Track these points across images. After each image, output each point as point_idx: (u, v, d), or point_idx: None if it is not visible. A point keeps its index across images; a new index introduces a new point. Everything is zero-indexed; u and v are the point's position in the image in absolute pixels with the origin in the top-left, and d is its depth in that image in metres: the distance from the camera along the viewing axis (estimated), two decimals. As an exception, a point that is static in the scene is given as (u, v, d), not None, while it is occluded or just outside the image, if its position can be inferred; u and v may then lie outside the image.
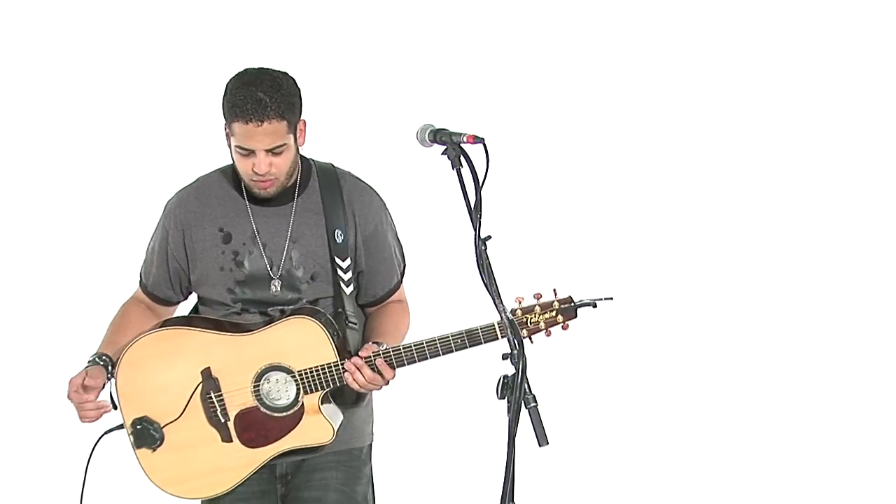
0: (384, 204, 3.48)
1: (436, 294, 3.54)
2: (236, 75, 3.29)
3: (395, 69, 5.26)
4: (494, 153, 2.92)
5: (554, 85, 5.36)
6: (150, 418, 3.33)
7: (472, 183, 2.91)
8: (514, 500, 2.84)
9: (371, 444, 3.56)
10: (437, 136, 3.00)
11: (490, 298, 2.86)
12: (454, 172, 2.94)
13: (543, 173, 5.33)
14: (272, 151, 3.24)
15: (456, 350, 3.24)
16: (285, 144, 3.26)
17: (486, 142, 2.94)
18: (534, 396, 2.84)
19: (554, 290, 3.22)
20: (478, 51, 5.34)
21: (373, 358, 3.26)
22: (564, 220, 5.35)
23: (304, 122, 3.33)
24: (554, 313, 3.22)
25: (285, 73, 3.30)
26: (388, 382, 3.30)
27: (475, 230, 2.89)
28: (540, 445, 2.85)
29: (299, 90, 3.31)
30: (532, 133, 5.30)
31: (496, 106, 5.27)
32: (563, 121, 5.36)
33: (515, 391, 2.82)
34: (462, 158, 2.94)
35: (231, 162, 3.36)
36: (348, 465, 3.47)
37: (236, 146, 3.25)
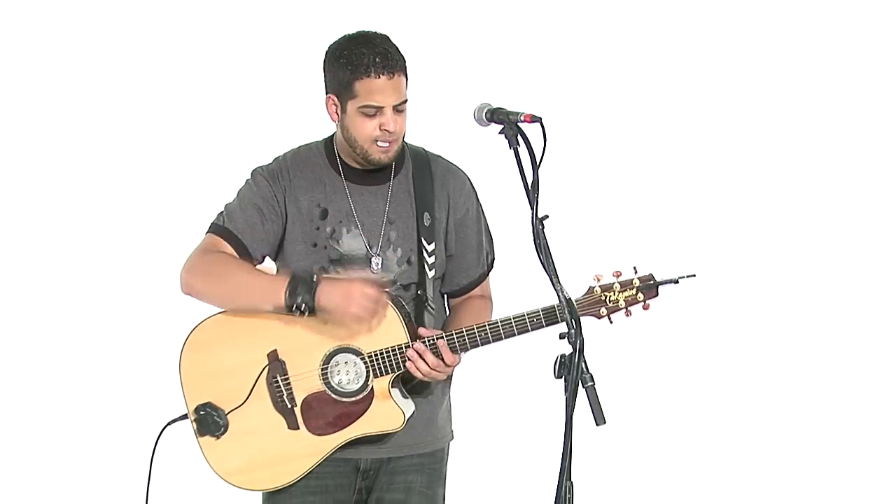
0: (475, 190, 3.39)
1: (494, 274, 3.52)
2: (341, 41, 3.18)
3: (452, 48, 5.26)
4: (552, 132, 2.92)
5: (612, 63, 5.34)
6: (213, 404, 3.21)
7: (530, 162, 2.91)
8: (572, 480, 2.84)
9: (450, 443, 3.45)
10: (495, 115, 3.00)
11: (547, 278, 2.86)
12: (511, 152, 2.95)
13: (601, 153, 5.31)
14: (396, 109, 3.16)
15: (519, 333, 3.14)
16: (407, 101, 3.19)
17: (543, 121, 2.93)
18: (591, 376, 2.83)
19: (634, 267, 3.14)
20: (536, 29, 5.32)
21: (434, 339, 3.16)
22: (622, 200, 5.33)
23: None
24: (634, 291, 3.14)
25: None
26: (451, 369, 3.20)
27: (532, 210, 2.89)
28: (597, 425, 2.84)
29: None
30: (589, 112, 5.28)
31: (554, 84, 5.25)
32: (621, 100, 5.33)
33: (573, 370, 2.83)
34: (519, 138, 2.95)
35: (322, 138, 3.27)
36: (431, 467, 3.37)
37: (361, 107, 3.14)
